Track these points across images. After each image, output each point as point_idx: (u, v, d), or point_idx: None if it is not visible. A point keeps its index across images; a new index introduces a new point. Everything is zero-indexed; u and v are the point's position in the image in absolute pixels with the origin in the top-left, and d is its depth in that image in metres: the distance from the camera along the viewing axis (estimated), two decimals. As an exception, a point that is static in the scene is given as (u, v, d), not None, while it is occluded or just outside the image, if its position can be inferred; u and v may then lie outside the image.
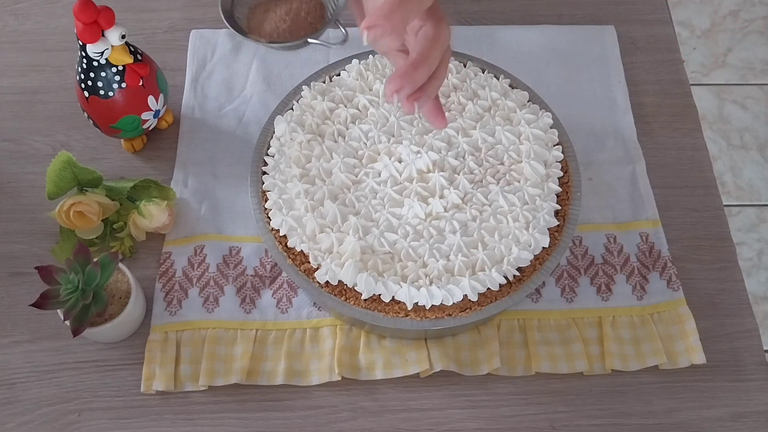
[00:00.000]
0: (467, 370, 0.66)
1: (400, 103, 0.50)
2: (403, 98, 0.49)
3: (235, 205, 0.75)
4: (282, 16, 0.62)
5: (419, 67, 0.49)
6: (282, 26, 0.62)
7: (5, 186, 0.77)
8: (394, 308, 0.61)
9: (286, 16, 0.62)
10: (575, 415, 0.66)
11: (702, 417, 0.66)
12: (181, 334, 0.68)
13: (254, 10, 0.64)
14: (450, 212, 0.64)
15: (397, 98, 0.49)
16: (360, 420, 0.65)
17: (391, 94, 0.49)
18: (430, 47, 0.49)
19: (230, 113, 0.81)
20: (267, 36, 0.62)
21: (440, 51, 0.50)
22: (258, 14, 0.63)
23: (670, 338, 0.68)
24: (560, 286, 0.71)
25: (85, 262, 0.63)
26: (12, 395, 0.66)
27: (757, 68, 1.76)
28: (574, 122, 0.76)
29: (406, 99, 0.49)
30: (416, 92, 0.50)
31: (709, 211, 0.77)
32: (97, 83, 0.69)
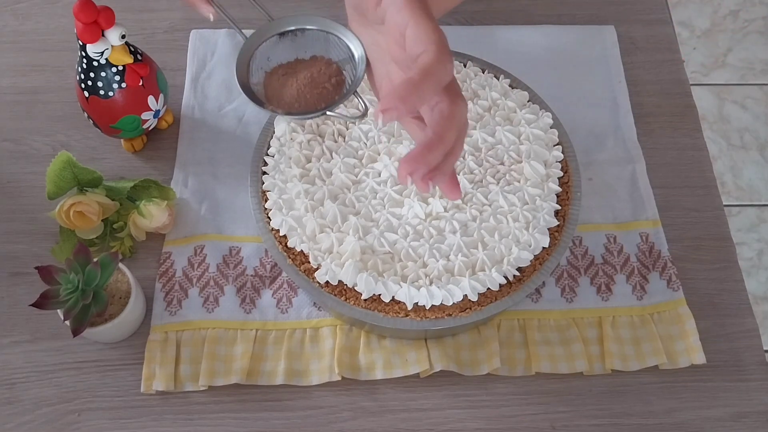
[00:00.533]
0: (467, 370, 0.66)
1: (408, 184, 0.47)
2: (418, 180, 0.46)
3: (235, 205, 0.75)
4: (301, 84, 0.58)
5: (434, 149, 0.46)
6: (301, 95, 0.58)
7: (5, 186, 0.77)
8: (394, 308, 0.61)
9: (305, 83, 0.58)
10: (575, 415, 0.66)
11: (702, 417, 0.66)
12: (181, 334, 0.68)
13: (271, 75, 0.60)
14: (450, 212, 0.64)
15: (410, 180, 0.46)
16: (360, 420, 0.65)
17: (405, 177, 0.46)
18: (446, 126, 0.47)
19: (230, 113, 0.81)
20: (286, 106, 0.58)
21: (456, 129, 0.47)
22: (275, 80, 0.60)
23: (670, 338, 0.68)
24: (560, 286, 0.71)
25: (85, 262, 0.63)
26: (12, 395, 0.66)
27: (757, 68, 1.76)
28: (574, 122, 0.76)
29: (421, 180, 0.46)
30: (431, 171, 0.46)
31: (709, 211, 0.77)
32: (97, 83, 0.69)
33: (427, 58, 0.45)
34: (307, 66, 0.59)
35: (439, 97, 0.47)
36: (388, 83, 0.53)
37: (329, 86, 0.58)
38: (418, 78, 0.44)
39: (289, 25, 0.60)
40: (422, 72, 0.45)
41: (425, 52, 0.45)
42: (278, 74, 0.60)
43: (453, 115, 0.47)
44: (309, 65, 0.59)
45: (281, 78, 0.59)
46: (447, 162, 0.47)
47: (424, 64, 0.45)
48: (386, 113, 0.44)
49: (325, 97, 0.57)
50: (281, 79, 0.59)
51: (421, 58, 0.45)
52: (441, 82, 0.45)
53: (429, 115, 0.48)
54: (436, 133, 0.46)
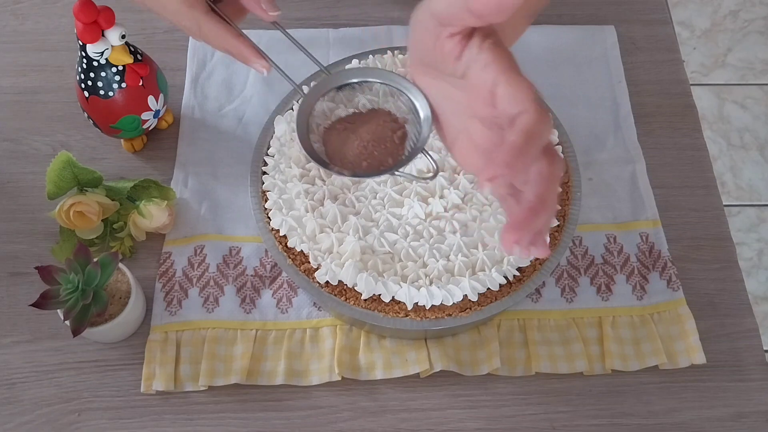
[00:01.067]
0: (467, 370, 0.66)
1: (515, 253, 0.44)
2: (524, 246, 0.43)
3: (235, 205, 0.75)
4: (365, 140, 0.55)
5: (539, 213, 0.43)
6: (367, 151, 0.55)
7: (5, 186, 0.77)
8: (394, 308, 0.61)
9: (369, 139, 0.55)
10: (575, 415, 0.66)
11: (702, 417, 0.66)
12: (181, 334, 0.68)
13: (330, 131, 0.57)
14: (450, 212, 0.64)
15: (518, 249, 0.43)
16: (360, 420, 0.65)
17: (511, 246, 0.43)
18: (548, 188, 0.44)
19: (230, 113, 0.81)
20: (350, 164, 0.55)
21: (557, 190, 0.45)
22: (335, 135, 0.57)
23: (670, 338, 0.68)
24: (560, 286, 0.71)
25: (85, 262, 0.63)
26: (12, 395, 0.66)
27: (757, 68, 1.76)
28: (574, 122, 0.76)
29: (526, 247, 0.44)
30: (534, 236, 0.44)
31: (709, 211, 0.77)
32: (97, 83, 0.69)
33: (528, 118, 0.42)
34: (368, 120, 0.57)
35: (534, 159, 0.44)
36: (467, 139, 0.49)
37: (395, 140, 0.55)
38: (523, 142, 0.42)
39: (347, 78, 0.57)
40: (525, 135, 0.42)
41: (525, 112, 0.42)
42: (337, 130, 0.57)
43: (554, 177, 0.44)
44: (369, 119, 0.57)
45: (341, 133, 0.57)
46: (546, 225, 0.45)
47: (526, 126, 0.42)
48: (494, 181, 0.42)
49: (392, 152, 0.55)
50: (341, 134, 0.57)
51: (520, 119, 0.43)
52: (543, 142, 0.43)
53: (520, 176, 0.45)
54: (539, 197, 0.44)
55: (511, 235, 0.43)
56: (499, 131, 0.46)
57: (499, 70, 0.44)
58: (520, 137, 0.42)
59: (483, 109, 0.46)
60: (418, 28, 0.47)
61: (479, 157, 0.48)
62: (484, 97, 0.45)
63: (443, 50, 0.46)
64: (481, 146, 0.48)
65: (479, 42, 0.45)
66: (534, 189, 0.44)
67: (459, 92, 0.48)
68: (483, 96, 0.45)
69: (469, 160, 0.50)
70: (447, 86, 0.49)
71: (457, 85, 0.48)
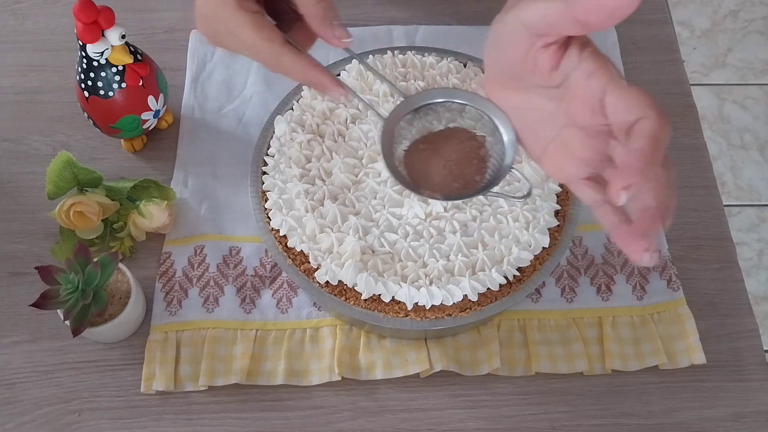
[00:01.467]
0: (467, 370, 0.66)
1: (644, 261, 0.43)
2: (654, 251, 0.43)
3: (235, 205, 0.75)
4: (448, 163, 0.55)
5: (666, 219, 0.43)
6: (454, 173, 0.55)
7: (5, 186, 0.77)
8: (394, 308, 0.61)
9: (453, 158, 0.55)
10: (575, 415, 0.66)
11: (702, 417, 0.66)
12: (181, 334, 0.68)
13: (411, 154, 0.56)
14: (450, 212, 0.64)
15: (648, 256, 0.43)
16: (360, 420, 0.65)
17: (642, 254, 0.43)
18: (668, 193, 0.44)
19: (230, 113, 0.81)
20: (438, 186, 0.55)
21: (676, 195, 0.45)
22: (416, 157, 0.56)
23: (670, 338, 0.68)
24: (560, 286, 0.71)
25: (85, 262, 0.63)
26: (12, 395, 0.66)
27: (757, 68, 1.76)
28: (574, 122, 0.76)
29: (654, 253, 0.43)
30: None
31: (709, 211, 0.77)
32: (97, 83, 0.69)
33: (650, 123, 0.42)
34: (446, 139, 0.57)
35: None
36: (561, 148, 0.49)
37: (479, 159, 0.55)
38: (651, 148, 0.41)
39: (424, 100, 0.57)
40: (652, 140, 0.42)
41: (645, 118, 0.42)
42: (418, 151, 0.57)
43: (672, 179, 0.44)
44: (447, 137, 0.57)
45: (422, 155, 0.56)
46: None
47: (650, 132, 0.42)
48: (629, 190, 0.42)
49: (480, 170, 0.55)
50: (422, 156, 0.56)
51: (641, 125, 0.42)
52: (666, 146, 0.43)
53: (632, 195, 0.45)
54: (661, 203, 0.43)
55: (642, 244, 0.43)
56: (602, 139, 0.46)
57: (606, 78, 0.44)
58: (647, 143, 0.42)
59: (586, 117, 0.45)
60: (504, 41, 0.47)
61: (575, 165, 0.48)
62: (590, 105, 0.44)
63: (536, 61, 0.45)
64: (581, 155, 0.48)
65: (578, 51, 0.44)
66: (655, 196, 0.43)
67: (551, 102, 0.48)
68: (588, 105, 0.44)
69: (564, 168, 0.50)
70: (535, 97, 0.49)
71: (551, 95, 0.47)
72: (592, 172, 0.47)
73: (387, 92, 0.69)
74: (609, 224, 0.46)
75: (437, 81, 0.69)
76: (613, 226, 0.45)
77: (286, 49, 0.55)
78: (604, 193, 0.47)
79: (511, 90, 0.51)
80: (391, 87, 0.61)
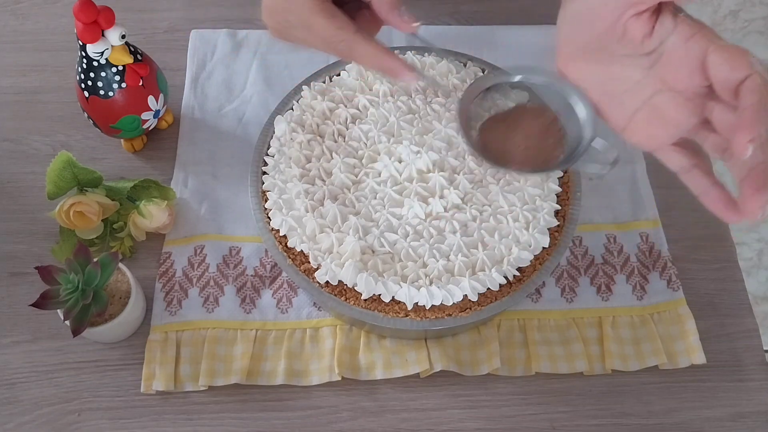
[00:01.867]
0: (467, 370, 0.66)
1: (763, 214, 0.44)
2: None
3: (235, 205, 0.75)
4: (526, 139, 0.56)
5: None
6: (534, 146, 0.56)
7: (5, 186, 0.77)
8: (394, 308, 0.61)
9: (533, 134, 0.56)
10: (575, 415, 0.66)
11: (702, 417, 0.66)
12: (181, 334, 0.68)
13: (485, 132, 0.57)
14: (450, 212, 0.64)
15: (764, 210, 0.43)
16: (360, 420, 0.65)
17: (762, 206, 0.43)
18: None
19: (230, 113, 0.81)
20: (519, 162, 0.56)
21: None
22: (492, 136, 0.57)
23: (670, 338, 0.68)
24: (560, 286, 0.71)
25: (85, 262, 0.63)
26: (12, 395, 0.66)
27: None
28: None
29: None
30: None
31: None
32: (97, 83, 0.69)
33: (758, 78, 0.43)
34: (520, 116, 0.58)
35: None
36: (652, 115, 0.50)
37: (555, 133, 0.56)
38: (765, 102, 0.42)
39: (499, 78, 0.58)
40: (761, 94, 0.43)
41: (751, 75, 0.43)
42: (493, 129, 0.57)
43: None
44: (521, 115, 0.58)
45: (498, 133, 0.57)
46: None
47: (758, 86, 0.43)
48: (755, 141, 0.42)
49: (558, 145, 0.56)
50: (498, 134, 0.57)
51: (749, 82, 0.43)
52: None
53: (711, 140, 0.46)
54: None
55: (763, 196, 0.43)
56: (700, 101, 0.47)
57: (707, 39, 0.45)
58: (757, 97, 0.43)
59: (684, 80, 0.47)
60: (586, 14, 0.49)
61: (667, 131, 0.49)
62: (689, 67, 0.46)
63: (625, 31, 0.47)
64: (675, 119, 0.49)
65: (672, 16, 0.46)
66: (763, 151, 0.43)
67: (638, 71, 0.49)
68: (689, 68, 0.46)
69: (652, 135, 0.51)
70: (620, 68, 0.50)
71: (639, 63, 0.49)
72: (682, 137, 0.48)
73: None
74: (700, 189, 0.48)
75: (437, 81, 0.70)
76: (705, 190, 0.47)
77: (359, 36, 0.55)
78: (693, 157, 0.49)
79: (591, 63, 0.52)
80: (432, 83, 0.62)
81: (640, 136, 0.52)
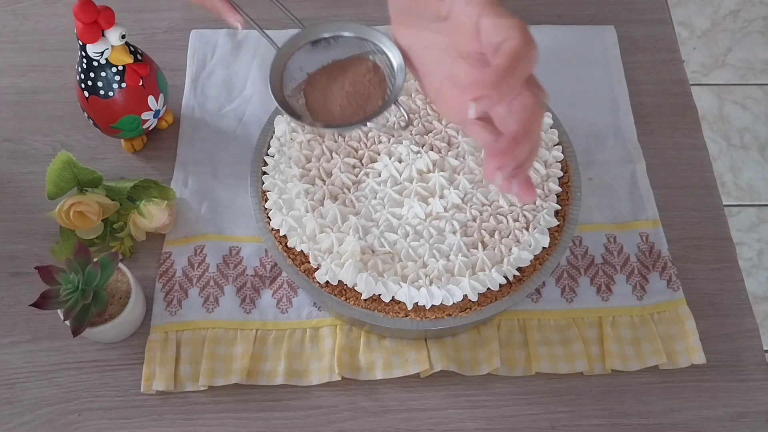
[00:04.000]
0: (467, 370, 0.66)
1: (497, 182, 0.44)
2: (506, 175, 0.44)
3: (235, 205, 0.75)
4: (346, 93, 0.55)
5: (522, 142, 0.44)
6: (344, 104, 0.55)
7: (5, 186, 0.77)
8: (394, 308, 0.61)
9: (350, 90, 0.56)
10: (575, 415, 0.66)
11: (702, 417, 0.66)
12: (181, 334, 0.68)
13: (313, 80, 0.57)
14: (450, 212, 0.64)
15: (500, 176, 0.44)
16: (360, 420, 0.65)
17: (494, 173, 0.43)
18: (531, 118, 0.45)
19: (230, 113, 0.81)
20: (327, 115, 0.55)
21: (541, 123, 0.46)
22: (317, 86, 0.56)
23: (670, 338, 0.68)
24: (560, 286, 0.71)
25: (85, 262, 0.63)
26: (12, 395, 0.66)
27: (757, 68, 1.76)
28: (574, 122, 0.76)
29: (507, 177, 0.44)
30: (515, 169, 0.45)
31: (709, 211, 0.77)
32: (97, 83, 0.69)
33: (512, 43, 0.43)
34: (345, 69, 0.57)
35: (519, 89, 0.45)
36: (452, 85, 0.50)
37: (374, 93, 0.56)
38: (508, 64, 0.42)
39: (322, 33, 0.57)
40: (510, 57, 0.42)
41: (509, 38, 0.43)
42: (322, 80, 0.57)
43: (538, 108, 0.45)
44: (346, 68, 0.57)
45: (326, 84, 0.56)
46: (529, 159, 0.45)
47: (510, 50, 0.43)
48: (479, 101, 0.42)
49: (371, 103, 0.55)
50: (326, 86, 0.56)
51: (505, 44, 0.43)
52: (528, 68, 0.43)
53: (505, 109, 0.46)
54: (523, 126, 0.44)
55: (494, 161, 0.44)
56: (484, 68, 0.46)
57: (482, 2, 0.45)
58: (505, 60, 0.43)
59: (468, 45, 0.46)
60: None
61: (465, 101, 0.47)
62: (469, 31, 0.45)
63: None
64: (467, 87, 0.48)
65: None
66: (517, 119, 0.44)
67: (441, 37, 0.49)
68: (468, 31, 0.46)
69: (453, 106, 0.50)
70: (429, 34, 0.50)
71: (440, 29, 0.48)
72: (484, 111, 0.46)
73: None
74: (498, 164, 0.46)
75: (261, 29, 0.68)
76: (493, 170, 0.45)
77: None
78: (495, 133, 0.48)
79: (411, 29, 0.52)
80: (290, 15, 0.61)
81: (445, 107, 0.51)
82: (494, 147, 0.44)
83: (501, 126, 0.47)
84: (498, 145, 0.44)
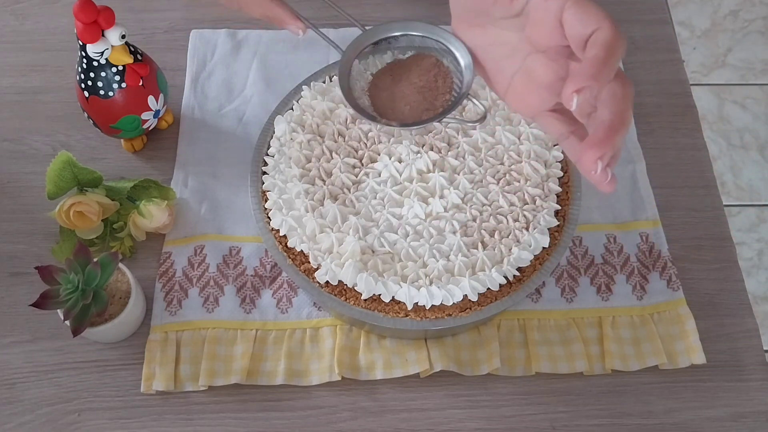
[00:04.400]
0: (467, 370, 0.66)
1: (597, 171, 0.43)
2: (605, 164, 0.43)
3: (235, 205, 0.75)
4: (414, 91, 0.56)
5: (619, 131, 0.43)
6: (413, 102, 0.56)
7: (5, 186, 0.77)
8: (394, 308, 0.61)
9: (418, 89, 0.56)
10: (575, 415, 0.66)
11: (702, 417, 0.66)
12: (181, 334, 0.68)
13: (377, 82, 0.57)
14: (450, 212, 0.64)
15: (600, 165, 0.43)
16: (360, 420, 0.65)
17: (595, 162, 0.43)
18: (624, 107, 0.44)
19: (230, 113, 0.81)
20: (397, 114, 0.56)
21: (631, 111, 0.45)
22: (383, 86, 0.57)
23: (670, 338, 0.68)
24: (560, 286, 0.71)
25: (85, 262, 0.63)
26: (12, 395, 0.66)
27: (757, 68, 1.76)
28: (574, 122, 0.76)
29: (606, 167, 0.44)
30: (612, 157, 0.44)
31: (709, 211, 0.77)
32: (97, 83, 0.69)
33: (605, 33, 0.43)
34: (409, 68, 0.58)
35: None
36: (526, 79, 0.50)
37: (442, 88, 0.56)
38: (604, 54, 0.42)
39: (384, 33, 0.58)
40: (606, 48, 0.42)
41: (600, 29, 0.43)
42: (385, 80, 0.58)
43: (628, 95, 0.45)
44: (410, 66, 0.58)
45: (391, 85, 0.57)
46: (620, 147, 0.45)
47: (604, 40, 0.43)
48: (581, 93, 0.42)
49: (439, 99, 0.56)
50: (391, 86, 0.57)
51: (596, 35, 0.43)
52: (621, 57, 0.44)
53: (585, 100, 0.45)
54: (618, 115, 0.44)
55: (594, 152, 0.43)
56: (563, 62, 0.47)
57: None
58: (600, 50, 0.42)
59: (548, 39, 0.46)
60: None
61: (540, 95, 0.49)
62: (551, 25, 0.45)
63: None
64: (544, 81, 0.49)
65: None
66: (611, 108, 0.44)
67: (513, 33, 0.49)
68: (549, 25, 0.45)
69: (528, 100, 0.50)
70: (498, 31, 0.50)
71: (513, 25, 0.49)
72: (557, 102, 0.47)
73: None
74: (575, 155, 0.47)
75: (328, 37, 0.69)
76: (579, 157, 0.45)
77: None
78: (570, 124, 0.48)
79: (475, 27, 0.52)
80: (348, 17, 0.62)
81: (517, 103, 0.51)
82: (593, 137, 0.44)
83: (579, 117, 0.47)
84: (597, 135, 0.44)
